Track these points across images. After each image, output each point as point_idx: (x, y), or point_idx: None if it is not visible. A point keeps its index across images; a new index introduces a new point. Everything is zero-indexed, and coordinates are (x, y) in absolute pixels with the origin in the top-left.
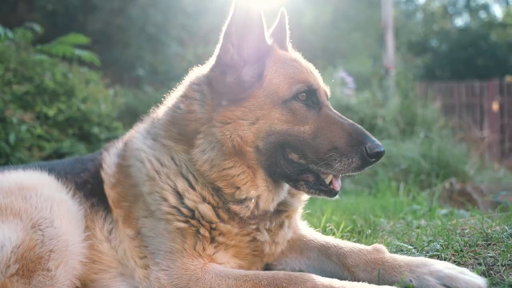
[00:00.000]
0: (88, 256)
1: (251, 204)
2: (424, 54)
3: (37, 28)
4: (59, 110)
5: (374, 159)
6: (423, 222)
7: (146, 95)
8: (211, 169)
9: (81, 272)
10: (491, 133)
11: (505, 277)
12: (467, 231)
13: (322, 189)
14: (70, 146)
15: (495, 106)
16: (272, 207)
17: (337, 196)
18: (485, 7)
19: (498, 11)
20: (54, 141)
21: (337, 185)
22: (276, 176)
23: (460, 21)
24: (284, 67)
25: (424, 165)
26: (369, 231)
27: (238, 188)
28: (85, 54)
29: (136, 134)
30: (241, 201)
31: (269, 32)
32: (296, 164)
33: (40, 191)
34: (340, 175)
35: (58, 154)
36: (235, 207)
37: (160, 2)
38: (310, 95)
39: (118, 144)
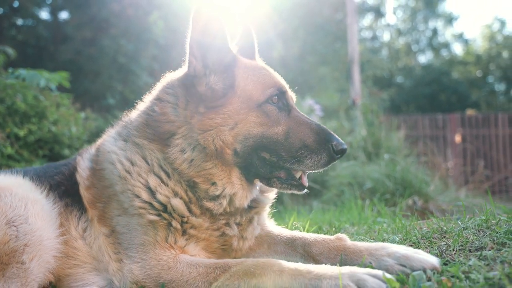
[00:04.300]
0: (62, 251)
1: (224, 202)
2: (389, 88)
3: (10, 51)
4: (30, 131)
5: (339, 155)
6: (385, 225)
7: (117, 120)
8: (190, 167)
9: (54, 266)
10: (454, 159)
11: (455, 258)
12: (424, 228)
13: (293, 183)
14: None
15: (458, 138)
16: (246, 204)
17: (305, 190)
18: (447, 46)
19: (458, 50)
20: (24, 161)
21: (305, 180)
22: (251, 175)
23: (423, 59)
24: (255, 74)
25: (389, 185)
26: (334, 230)
27: (214, 183)
28: (53, 77)
29: (108, 138)
30: (214, 198)
31: (236, 44)
32: (268, 162)
33: (14, 191)
34: (308, 172)
35: None
36: (209, 204)
37: (132, 33)
38: (281, 98)
39: (91, 150)
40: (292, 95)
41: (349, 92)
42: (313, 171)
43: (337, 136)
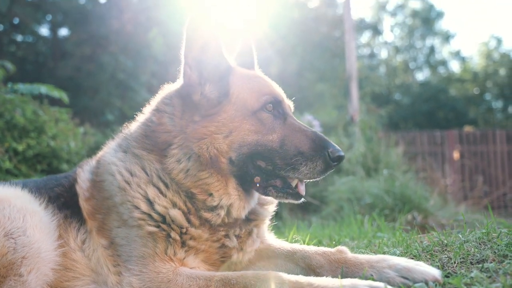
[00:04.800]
0: (61, 264)
1: (222, 212)
2: (387, 105)
3: (9, 65)
4: (29, 146)
5: (336, 163)
6: (385, 239)
7: (115, 134)
8: (186, 177)
9: (53, 278)
10: (452, 175)
11: (457, 270)
12: (425, 242)
13: (289, 192)
14: None
15: (456, 155)
16: (243, 214)
17: (302, 199)
18: (444, 63)
19: (455, 67)
20: (22, 176)
21: (302, 189)
22: (246, 184)
23: (420, 76)
24: (250, 82)
25: (388, 200)
26: (334, 243)
27: (211, 194)
28: (52, 90)
29: (108, 150)
30: (212, 209)
31: (236, 57)
32: (264, 170)
33: (13, 203)
34: (305, 181)
35: None
36: (207, 215)
37: (131, 50)
38: (276, 106)
39: (92, 162)
40: (289, 103)
41: (347, 108)
42: (310, 180)
43: (333, 143)
